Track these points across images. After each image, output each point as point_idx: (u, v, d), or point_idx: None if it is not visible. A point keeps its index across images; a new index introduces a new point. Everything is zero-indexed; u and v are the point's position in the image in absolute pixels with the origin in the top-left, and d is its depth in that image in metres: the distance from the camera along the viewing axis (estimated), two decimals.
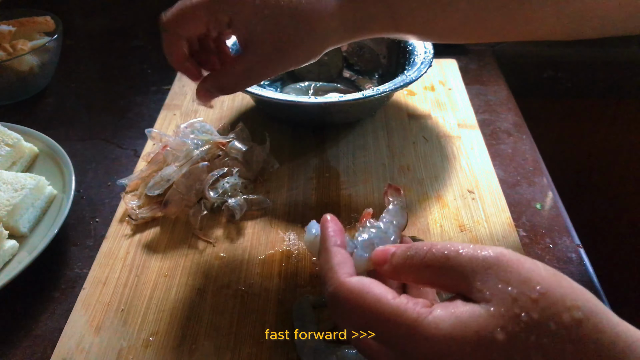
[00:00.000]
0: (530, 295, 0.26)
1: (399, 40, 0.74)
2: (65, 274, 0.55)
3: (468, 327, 0.26)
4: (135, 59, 0.92)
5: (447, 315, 0.27)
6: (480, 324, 0.26)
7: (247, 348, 0.46)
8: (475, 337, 0.26)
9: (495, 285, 0.27)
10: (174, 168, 0.58)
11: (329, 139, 0.70)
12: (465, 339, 0.26)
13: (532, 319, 0.25)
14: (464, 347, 0.26)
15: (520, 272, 0.27)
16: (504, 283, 0.27)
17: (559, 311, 0.25)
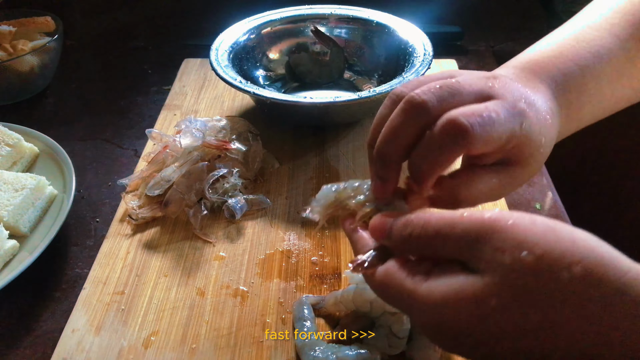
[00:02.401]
0: (525, 259, 0.26)
1: (398, 41, 0.74)
2: (66, 273, 0.55)
3: (460, 296, 0.27)
4: (135, 59, 0.92)
5: (439, 284, 0.28)
6: (473, 293, 0.27)
7: (247, 348, 0.46)
8: (468, 304, 0.27)
9: (490, 254, 0.27)
10: (174, 168, 0.58)
11: (329, 139, 0.70)
12: (458, 306, 0.27)
13: (528, 284, 0.25)
14: (458, 314, 0.27)
15: (516, 236, 0.27)
16: (499, 251, 0.26)
17: (557, 270, 0.25)
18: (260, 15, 0.79)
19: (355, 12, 0.79)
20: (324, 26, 0.80)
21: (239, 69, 0.71)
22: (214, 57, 0.69)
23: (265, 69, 0.78)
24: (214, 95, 0.79)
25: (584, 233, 0.27)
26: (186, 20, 1.05)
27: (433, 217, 0.30)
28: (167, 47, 0.95)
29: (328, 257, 0.54)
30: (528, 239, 0.26)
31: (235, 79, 0.65)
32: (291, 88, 0.79)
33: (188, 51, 0.91)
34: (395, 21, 0.76)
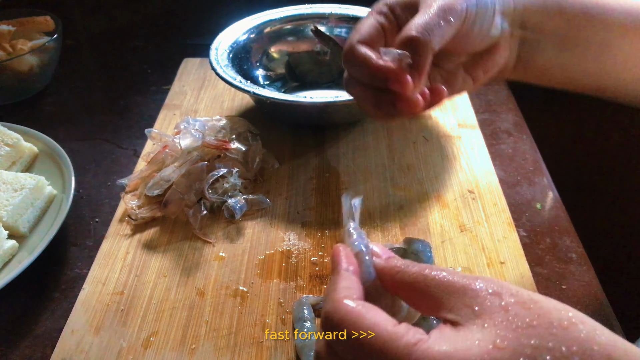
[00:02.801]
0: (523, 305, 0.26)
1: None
2: (65, 274, 0.55)
3: (468, 345, 0.25)
4: (135, 59, 0.92)
5: (445, 338, 0.26)
6: (480, 339, 0.25)
7: (247, 348, 0.46)
8: (478, 352, 0.25)
9: (485, 299, 0.27)
10: (174, 169, 0.58)
11: (329, 139, 0.70)
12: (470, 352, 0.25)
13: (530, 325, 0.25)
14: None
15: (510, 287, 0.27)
16: (496, 296, 0.27)
17: (555, 316, 0.25)
18: (260, 14, 0.79)
19: (355, 12, 0.79)
20: (324, 26, 0.80)
21: (238, 68, 0.71)
22: (214, 57, 0.69)
23: (265, 68, 0.78)
24: (214, 95, 0.79)
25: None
26: (186, 20, 1.05)
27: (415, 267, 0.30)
28: (167, 47, 0.95)
29: (328, 257, 0.54)
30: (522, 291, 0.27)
31: (234, 79, 0.65)
32: (291, 88, 0.79)
33: (188, 51, 0.91)
34: None
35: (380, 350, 0.26)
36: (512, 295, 0.26)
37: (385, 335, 0.26)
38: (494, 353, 0.24)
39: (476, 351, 0.25)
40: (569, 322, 0.25)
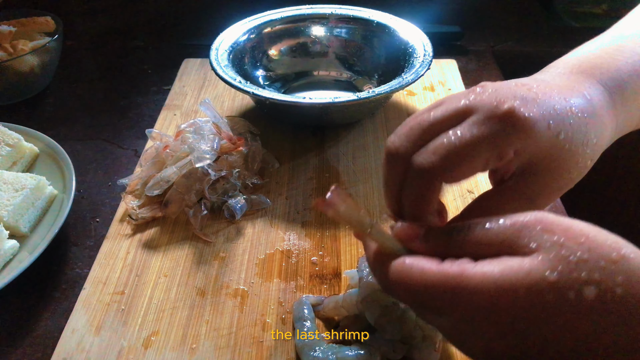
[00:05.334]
0: (575, 239, 0.26)
1: (398, 41, 0.74)
2: (66, 273, 0.55)
3: (517, 273, 0.26)
4: (135, 59, 0.92)
5: (493, 266, 0.27)
6: (529, 269, 0.26)
7: (247, 348, 0.46)
8: (527, 281, 0.26)
9: (539, 237, 0.27)
10: (174, 169, 0.58)
11: (329, 139, 0.70)
12: (517, 284, 0.26)
13: (581, 259, 0.26)
14: (517, 292, 0.26)
15: (561, 224, 0.27)
16: (548, 233, 0.27)
17: (605, 251, 0.26)
18: (260, 15, 0.79)
19: (356, 12, 0.79)
20: (324, 26, 0.80)
21: (238, 68, 0.71)
22: (214, 57, 0.69)
23: (265, 69, 0.78)
24: (214, 95, 0.79)
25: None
26: (186, 20, 1.05)
27: (474, 222, 0.29)
28: (167, 47, 0.95)
29: (328, 257, 0.54)
30: (574, 225, 0.27)
31: (234, 79, 0.65)
32: (291, 88, 0.79)
33: (188, 51, 0.91)
34: (395, 21, 0.76)
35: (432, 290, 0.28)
36: (564, 230, 0.27)
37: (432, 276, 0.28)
38: (542, 284, 0.25)
39: (525, 280, 0.26)
40: (618, 255, 0.26)
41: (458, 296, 0.27)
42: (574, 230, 0.27)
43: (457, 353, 0.45)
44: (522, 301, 0.26)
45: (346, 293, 0.47)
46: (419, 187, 0.33)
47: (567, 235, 0.27)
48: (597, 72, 0.38)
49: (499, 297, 0.26)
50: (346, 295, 0.47)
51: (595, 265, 0.25)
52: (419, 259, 0.30)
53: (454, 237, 0.30)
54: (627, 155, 1.00)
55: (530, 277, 0.26)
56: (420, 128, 0.33)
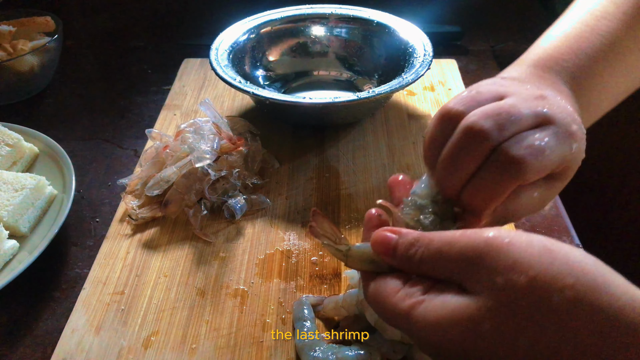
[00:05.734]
0: (518, 281, 0.25)
1: (398, 41, 0.74)
2: (66, 274, 0.55)
3: (454, 319, 0.27)
4: (135, 59, 0.92)
5: (435, 306, 0.28)
6: (466, 316, 0.27)
7: (247, 348, 0.46)
8: (461, 327, 0.27)
9: (485, 276, 0.27)
10: (174, 169, 0.58)
11: (329, 139, 0.70)
12: (452, 329, 0.27)
13: (520, 307, 0.25)
14: (452, 336, 0.27)
15: (509, 257, 0.26)
16: (492, 272, 0.26)
17: (548, 294, 0.25)
18: (260, 15, 0.79)
19: (356, 12, 0.79)
20: (324, 26, 0.80)
21: (238, 68, 0.71)
22: (214, 57, 0.69)
23: (265, 69, 0.78)
24: (214, 95, 0.79)
25: (581, 254, 0.26)
26: (186, 20, 1.05)
27: (435, 236, 0.30)
28: (167, 47, 0.95)
29: (328, 257, 0.54)
30: (523, 260, 0.26)
31: (234, 79, 0.65)
32: (291, 88, 0.79)
33: (188, 51, 0.91)
34: (395, 21, 0.76)
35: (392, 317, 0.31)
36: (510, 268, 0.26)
37: (390, 305, 0.30)
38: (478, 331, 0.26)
39: (460, 324, 0.27)
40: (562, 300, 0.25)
41: (408, 329, 0.30)
42: (521, 267, 0.26)
43: None
44: (458, 344, 0.27)
45: (346, 293, 0.47)
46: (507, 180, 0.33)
47: (509, 276, 0.26)
48: (559, 67, 0.40)
49: (437, 337, 0.28)
50: (346, 295, 0.47)
51: (535, 315, 0.25)
52: (387, 281, 0.32)
53: (413, 256, 0.31)
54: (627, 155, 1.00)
55: (465, 324, 0.27)
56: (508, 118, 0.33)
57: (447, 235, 0.29)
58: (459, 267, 0.28)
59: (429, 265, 0.30)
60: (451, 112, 0.35)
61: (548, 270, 0.25)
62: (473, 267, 0.27)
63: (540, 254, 0.26)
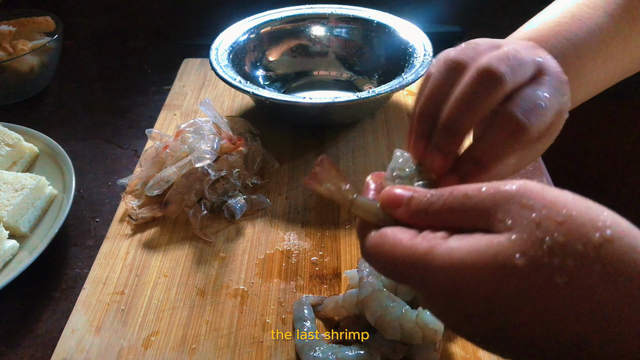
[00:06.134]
0: (555, 218, 0.24)
1: (398, 41, 0.74)
2: (66, 274, 0.55)
3: (484, 254, 0.25)
4: (135, 59, 0.92)
5: (462, 244, 0.26)
6: (498, 251, 0.24)
7: (247, 348, 0.46)
8: (492, 263, 0.24)
9: (517, 213, 0.25)
10: (174, 169, 0.58)
11: (329, 139, 0.70)
12: (481, 265, 0.25)
13: (556, 242, 0.24)
14: (481, 274, 0.25)
15: (545, 197, 0.25)
16: (527, 209, 0.25)
17: (587, 232, 0.24)
18: (260, 15, 0.79)
19: (356, 12, 0.79)
20: (324, 26, 0.80)
21: (238, 68, 0.71)
22: (214, 57, 0.69)
23: (265, 69, 0.78)
24: (214, 95, 0.79)
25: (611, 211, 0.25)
26: (186, 20, 1.05)
27: (459, 186, 0.28)
28: (167, 47, 0.95)
29: (328, 257, 0.54)
30: (558, 201, 0.25)
31: (234, 79, 0.65)
32: (291, 88, 0.79)
33: (188, 51, 0.91)
34: (395, 21, 0.76)
35: (402, 265, 0.28)
36: (545, 206, 0.25)
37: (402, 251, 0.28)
38: (509, 268, 0.24)
39: (490, 262, 0.24)
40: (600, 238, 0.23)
41: (423, 274, 0.27)
42: (556, 206, 0.25)
43: (457, 353, 0.45)
44: (486, 285, 0.24)
45: (346, 293, 0.47)
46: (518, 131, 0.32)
47: (547, 213, 0.24)
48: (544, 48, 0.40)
49: (461, 278, 0.25)
50: (346, 295, 0.47)
51: (571, 251, 0.23)
52: (395, 230, 0.29)
53: (434, 203, 0.28)
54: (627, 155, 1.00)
55: (497, 260, 0.24)
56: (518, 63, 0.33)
57: (471, 184, 0.28)
58: (488, 210, 0.26)
59: (451, 213, 0.28)
60: (456, 60, 0.34)
61: (585, 212, 0.24)
62: (505, 207, 0.26)
63: (575, 199, 0.25)
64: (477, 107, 0.32)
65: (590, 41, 0.41)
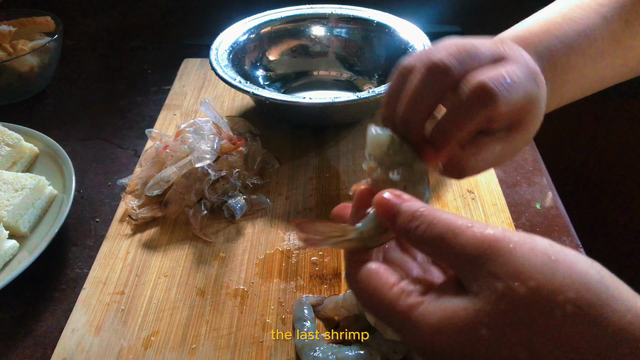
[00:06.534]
0: (518, 290, 0.25)
1: (398, 41, 0.74)
2: (66, 274, 0.55)
3: (453, 322, 0.26)
4: (135, 59, 0.92)
5: (435, 309, 0.27)
6: (465, 319, 0.26)
7: (247, 348, 0.46)
8: (464, 329, 0.26)
9: (484, 278, 0.26)
10: (174, 169, 0.58)
11: (329, 139, 0.70)
12: (453, 331, 0.26)
13: (518, 317, 0.25)
14: (450, 340, 0.26)
15: (511, 264, 0.25)
16: (493, 277, 0.26)
17: (549, 307, 0.24)
18: (260, 15, 0.79)
19: (356, 12, 0.79)
20: (324, 26, 0.80)
21: (238, 68, 0.71)
22: (214, 57, 0.69)
23: (265, 69, 0.78)
24: (214, 95, 0.79)
25: (585, 265, 0.25)
26: (186, 20, 1.05)
27: (442, 218, 0.29)
28: (167, 47, 0.95)
29: (328, 257, 0.54)
30: (524, 269, 0.25)
31: (234, 79, 0.65)
32: (291, 88, 0.79)
33: (188, 51, 0.91)
34: (395, 21, 0.76)
35: (385, 312, 0.29)
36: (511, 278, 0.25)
37: (386, 300, 0.29)
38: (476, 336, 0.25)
39: (461, 328, 0.26)
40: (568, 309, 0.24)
41: (402, 329, 0.28)
42: (523, 276, 0.25)
43: None
44: (458, 347, 0.26)
45: (346, 293, 0.47)
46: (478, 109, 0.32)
47: (511, 285, 0.25)
48: (532, 46, 0.40)
49: (435, 340, 0.27)
50: (346, 295, 0.47)
51: (535, 326, 0.24)
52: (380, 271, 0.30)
53: (414, 231, 0.29)
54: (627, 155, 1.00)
55: (467, 327, 0.26)
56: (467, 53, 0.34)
57: (451, 221, 0.28)
58: (459, 263, 0.27)
59: (428, 248, 0.29)
60: (409, 65, 0.36)
61: (550, 283, 0.24)
62: (474, 266, 0.27)
63: (544, 263, 0.25)
64: (425, 96, 0.34)
65: (580, 40, 0.42)
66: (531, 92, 0.34)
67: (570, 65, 0.41)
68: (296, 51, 0.80)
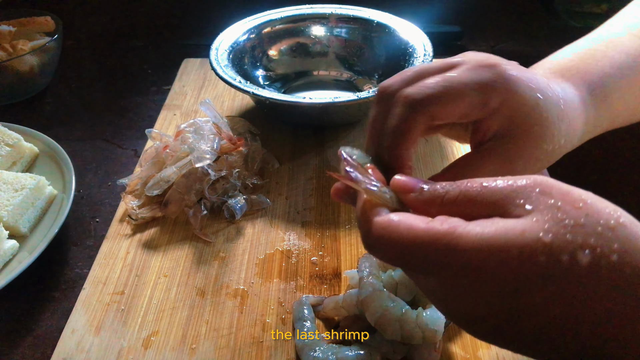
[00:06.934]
0: (573, 204, 0.26)
1: (398, 41, 0.74)
2: (66, 274, 0.55)
3: (511, 232, 0.25)
4: (135, 59, 0.92)
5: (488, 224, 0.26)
6: (524, 229, 0.25)
7: (247, 348, 0.46)
8: (520, 240, 0.25)
9: (536, 199, 0.26)
10: (174, 169, 0.58)
11: (329, 139, 0.70)
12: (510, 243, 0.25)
13: (577, 223, 0.25)
14: (509, 251, 0.25)
15: (561, 187, 0.27)
16: (546, 195, 0.26)
17: (603, 217, 0.25)
18: (260, 15, 0.79)
19: (356, 12, 0.79)
20: (324, 26, 0.80)
21: (238, 68, 0.71)
22: (214, 57, 0.69)
23: (265, 68, 0.78)
24: (214, 95, 0.79)
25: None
26: (186, 20, 1.05)
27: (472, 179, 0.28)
28: (167, 47, 0.95)
29: (328, 257, 0.54)
30: (573, 190, 0.27)
31: (234, 79, 0.65)
32: (291, 88, 0.79)
33: (188, 51, 0.91)
34: (395, 21, 0.76)
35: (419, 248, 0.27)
36: (563, 194, 0.26)
37: (420, 233, 0.27)
38: (536, 245, 0.25)
39: (518, 240, 0.25)
40: (615, 222, 0.25)
41: (447, 255, 0.26)
42: (572, 195, 0.26)
43: (457, 353, 0.45)
44: (513, 262, 0.25)
45: (346, 293, 0.47)
46: (403, 118, 0.34)
47: (564, 199, 0.26)
48: (570, 75, 0.40)
49: (491, 256, 0.25)
50: (346, 295, 0.47)
51: (591, 230, 0.25)
52: (407, 215, 0.28)
53: (450, 192, 0.28)
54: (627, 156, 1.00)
55: (524, 238, 0.25)
56: (414, 72, 0.35)
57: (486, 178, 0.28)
58: (506, 198, 0.27)
59: (468, 202, 0.28)
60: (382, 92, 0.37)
61: (599, 201, 0.26)
62: (524, 194, 0.26)
63: (587, 192, 0.27)
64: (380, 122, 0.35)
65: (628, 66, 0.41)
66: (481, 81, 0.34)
67: (618, 90, 0.41)
68: (296, 51, 0.80)
